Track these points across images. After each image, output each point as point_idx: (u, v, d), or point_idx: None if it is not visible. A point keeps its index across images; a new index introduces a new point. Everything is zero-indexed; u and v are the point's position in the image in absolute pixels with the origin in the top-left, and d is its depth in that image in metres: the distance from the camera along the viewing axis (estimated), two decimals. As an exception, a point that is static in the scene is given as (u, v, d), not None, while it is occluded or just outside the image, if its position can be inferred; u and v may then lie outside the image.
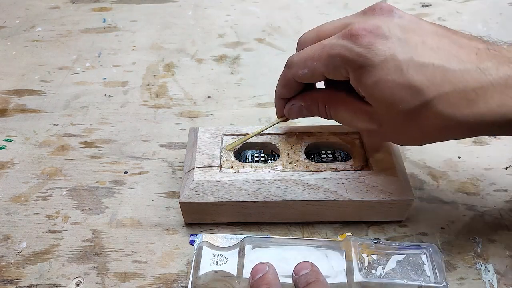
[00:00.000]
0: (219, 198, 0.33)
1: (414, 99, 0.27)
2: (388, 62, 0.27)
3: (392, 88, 0.28)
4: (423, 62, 0.27)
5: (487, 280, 0.32)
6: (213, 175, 0.34)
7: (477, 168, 0.40)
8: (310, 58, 0.31)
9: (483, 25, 0.59)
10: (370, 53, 0.28)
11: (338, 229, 0.36)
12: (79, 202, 0.38)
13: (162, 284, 0.32)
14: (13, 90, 0.50)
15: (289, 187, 0.34)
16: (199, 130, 0.38)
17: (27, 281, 0.33)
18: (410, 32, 0.28)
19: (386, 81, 0.28)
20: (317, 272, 0.29)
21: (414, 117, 0.28)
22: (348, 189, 0.34)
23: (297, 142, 0.37)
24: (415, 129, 0.29)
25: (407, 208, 0.35)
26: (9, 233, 0.36)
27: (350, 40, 0.29)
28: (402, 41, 0.28)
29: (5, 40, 0.58)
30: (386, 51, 0.28)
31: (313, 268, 0.29)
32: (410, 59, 0.27)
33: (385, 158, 0.35)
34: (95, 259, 0.34)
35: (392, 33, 0.28)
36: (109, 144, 0.43)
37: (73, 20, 0.62)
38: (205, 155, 0.36)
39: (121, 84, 0.51)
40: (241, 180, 0.34)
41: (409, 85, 0.27)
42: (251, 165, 0.36)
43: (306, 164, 0.35)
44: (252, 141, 0.37)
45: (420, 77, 0.27)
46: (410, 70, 0.27)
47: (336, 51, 0.29)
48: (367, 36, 0.28)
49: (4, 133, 0.45)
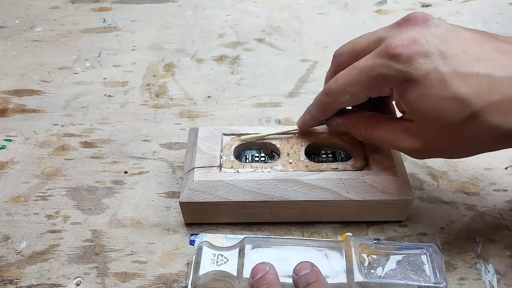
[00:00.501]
0: (219, 198, 0.33)
1: (462, 111, 0.27)
2: (431, 75, 0.27)
3: (437, 102, 0.27)
4: (467, 72, 0.26)
5: (487, 280, 0.32)
6: (213, 175, 0.34)
7: (477, 168, 0.40)
8: (350, 84, 0.31)
9: (483, 25, 0.59)
10: (411, 68, 0.27)
11: (338, 229, 0.36)
12: (79, 202, 0.38)
13: (162, 284, 0.32)
14: (13, 90, 0.50)
15: (289, 187, 0.34)
16: (199, 130, 0.38)
17: (27, 281, 0.33)
18: (449, 42, 0.27)
19: (431, 95, 0.27)
20: (317, 272, 0.29)
21: (462, 130, 0.28)
22: (348, 189, 0.34)
23: (297, 142, 0.37)
24: (463, 141, 0.29)
25: (407, 208, 0.35)
26: (9, 233, 0.36)
27: (388, 57, 0.28)
28: (442, 53, 0.27)
29: (5, 40, 0.58)
30: (428, 64, 0.27)
31: (313, 268, 0.29)
32: (453, 71, 0.27)
33: (385, 158, 0.35)
34: (95, 259, 0.34)
35: (431, 44, 0.27)
36: (109, 144, 0.43)
37: (73, 20, 0.62)
38: (205, 155, 0.36)
39: (121, 84, 0.51)
40: (241, 180, 0.34)
41: (455, 98, 0.26)
42: (251, 165, 0.36)
43: (306, 164, 0.35)
44: (252, 141, 0.37)
45: (466, 88, 0.26)
46: (455, 82, 0.26)
47: (376, 72, 0.29)
48: (405, 51, 0.27)
49: (4, 133, 0.45)
